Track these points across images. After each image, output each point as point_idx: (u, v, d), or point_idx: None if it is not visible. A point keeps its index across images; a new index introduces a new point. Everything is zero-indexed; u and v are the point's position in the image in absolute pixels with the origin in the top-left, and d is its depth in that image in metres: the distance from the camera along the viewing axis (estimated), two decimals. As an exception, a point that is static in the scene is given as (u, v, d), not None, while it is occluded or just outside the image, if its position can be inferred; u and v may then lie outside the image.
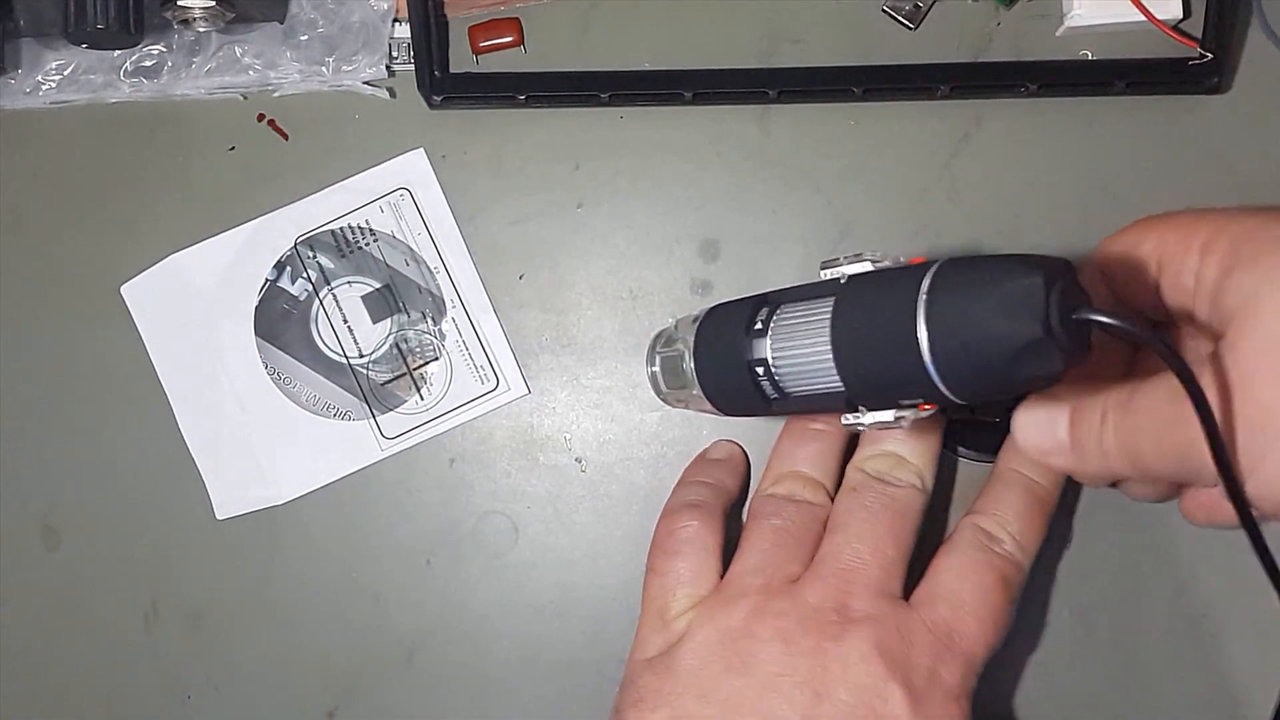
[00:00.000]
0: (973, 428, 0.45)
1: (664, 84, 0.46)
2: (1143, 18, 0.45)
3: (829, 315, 0.33)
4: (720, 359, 0.37)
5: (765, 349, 0.35)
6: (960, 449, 0.45)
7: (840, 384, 0.33)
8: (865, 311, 0.33)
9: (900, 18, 0.47)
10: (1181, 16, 0.45)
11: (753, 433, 0.46)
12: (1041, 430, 0.36)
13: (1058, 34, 0.47)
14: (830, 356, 0.33)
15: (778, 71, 0.46)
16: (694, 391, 0.39)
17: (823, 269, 0.35)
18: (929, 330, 0.30)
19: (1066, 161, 0.47)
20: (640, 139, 0.47)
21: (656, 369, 0.41)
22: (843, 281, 0.34)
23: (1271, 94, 0.47)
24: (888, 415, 0.33)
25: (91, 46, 0.44)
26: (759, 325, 0.36)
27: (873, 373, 0.32)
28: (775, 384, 0.35)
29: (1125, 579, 0.45)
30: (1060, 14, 0.47)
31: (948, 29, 0.47)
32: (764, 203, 0.47)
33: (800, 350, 0.34)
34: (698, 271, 0.47)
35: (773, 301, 0.36)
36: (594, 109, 0.47)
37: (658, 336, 0.42)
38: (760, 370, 0.35)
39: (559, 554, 0.47)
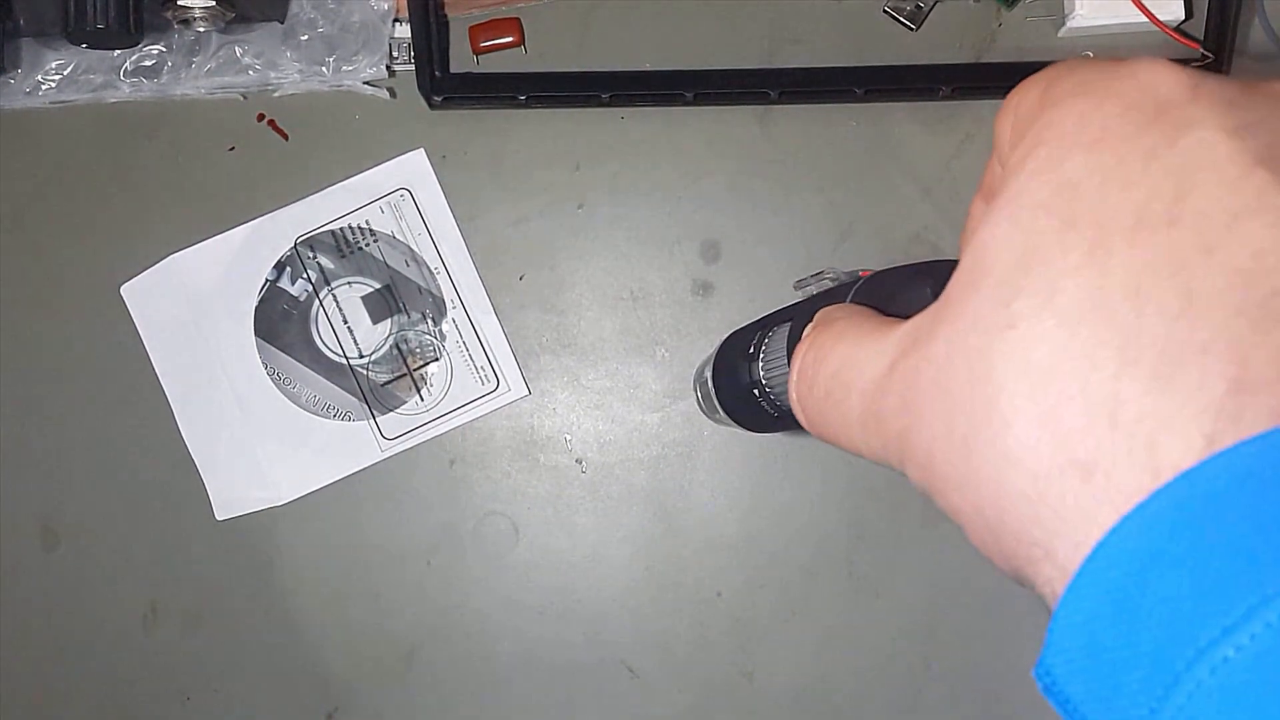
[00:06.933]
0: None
1: (665, 84, 0.46)
2: (1145, 19, 0.45)
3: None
4: (729, 385, 0.39)
5: (759, 372, 0.37)
6: None
7: None
8: None
9: (902, 18, 0.47)
10: (1183, 18, 0.45)
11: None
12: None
13: (1060, 35, 0.47)
14: None
15: (779, 72, 0.46)
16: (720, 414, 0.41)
17: (796, 288, 0.36)
18: None
19: (1068, 163, 0.47)
20: (641, 139, 0.47)
21: (698, 395, 0.42)
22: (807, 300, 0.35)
23: (1273, 95, 0.47)
24: None
25: (91, 46, 0.44)
26: (752, 350, 0.37)
27: None
28: (772, 403, 0.37)
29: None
30: (1062, 15, 0.46)
31: (949, 30, 0.47)
32: (765, 203, 0.47)
33: (782, 370, 0.36)
34: (698, 272, 0.47)
35: (767, 324, 0.38)
36: (594, 109, 0.47)
37: (704, 363, 0.43)
38: (756, 393, 0.37)
39: (559, 555, 0.47)
